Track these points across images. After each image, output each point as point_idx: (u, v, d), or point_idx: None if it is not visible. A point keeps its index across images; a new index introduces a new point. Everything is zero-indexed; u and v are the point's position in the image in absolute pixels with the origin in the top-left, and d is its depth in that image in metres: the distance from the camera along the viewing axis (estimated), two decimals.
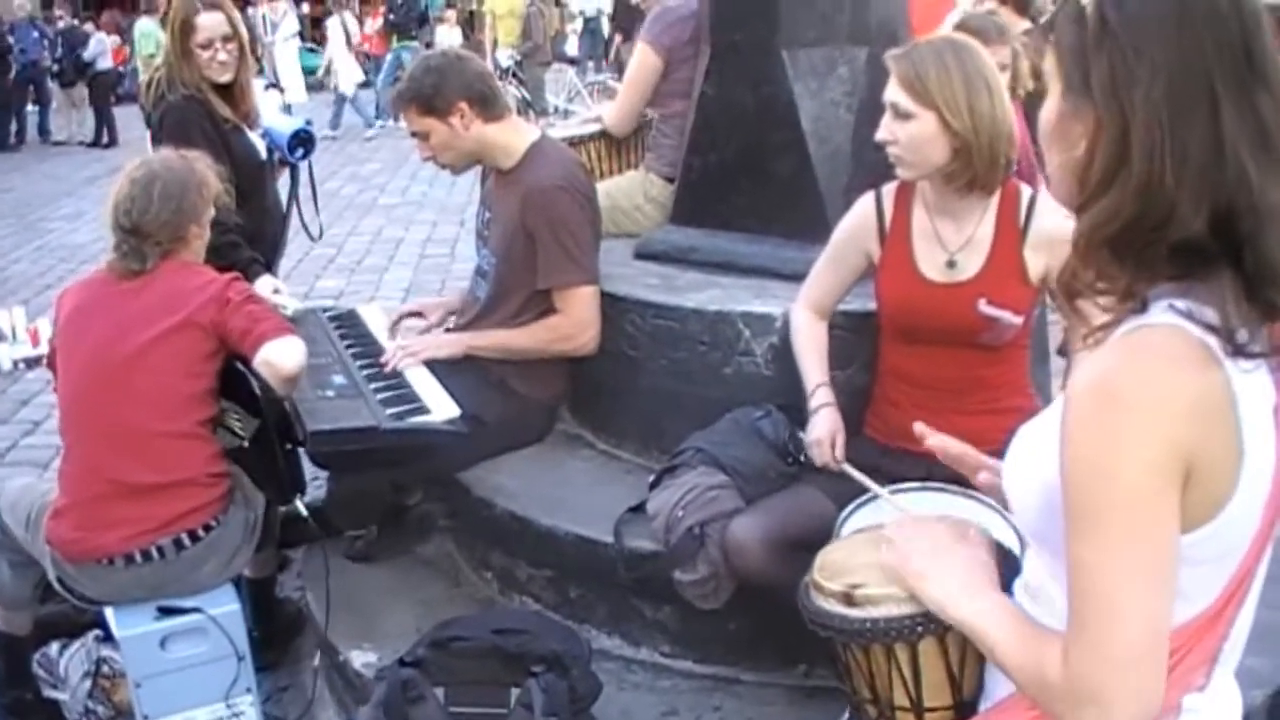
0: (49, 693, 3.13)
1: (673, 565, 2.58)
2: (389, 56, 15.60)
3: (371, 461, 2.89)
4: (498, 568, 3.11)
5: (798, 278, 3.07)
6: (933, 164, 2.44)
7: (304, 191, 4.08)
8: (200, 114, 3.53)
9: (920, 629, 1.50)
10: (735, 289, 3.09)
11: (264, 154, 3.76)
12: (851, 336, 2.84)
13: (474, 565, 3.22)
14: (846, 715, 2.53)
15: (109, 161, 13.97)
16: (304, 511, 2.89)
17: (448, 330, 3.40)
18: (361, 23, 16.34)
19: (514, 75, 12.52)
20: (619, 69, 12.32)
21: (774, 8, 3.07)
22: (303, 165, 3.96)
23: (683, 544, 2.56)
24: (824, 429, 2.60)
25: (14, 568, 2.96)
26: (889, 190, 2.64)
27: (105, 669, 3.18)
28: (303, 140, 3.84)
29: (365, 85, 14.58)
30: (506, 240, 3.12)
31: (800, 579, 2.50)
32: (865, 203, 2.66)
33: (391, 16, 15.44)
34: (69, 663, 3.16)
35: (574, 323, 3.07)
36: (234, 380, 2.84)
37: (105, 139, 15.04)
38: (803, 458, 2.69)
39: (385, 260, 8.61)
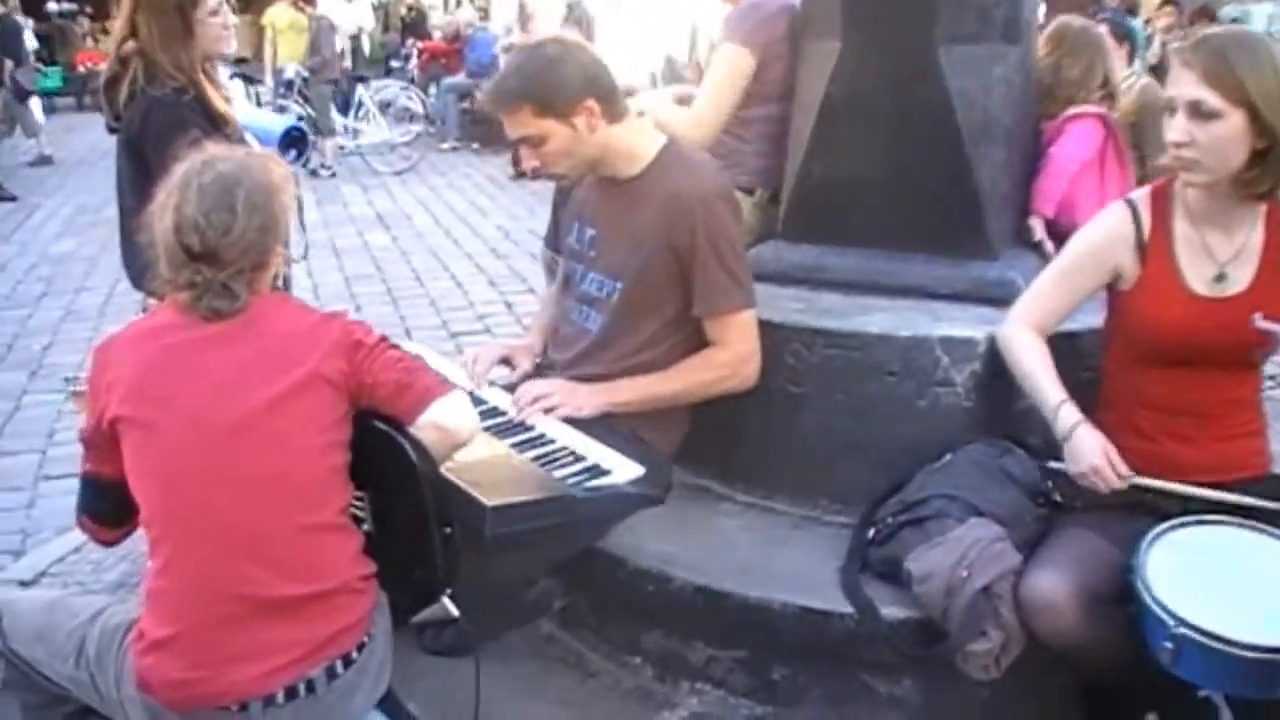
0: None
1: (965, 636, 2.20)
2: None
3: (546, 538, 2.34)
4: (654, 652, 2.62)
5: (958, 298, 2.79)
6: (1230, 168, 2.19)
7: None
8: (197, 111, 2.86)
9: None
10: (902, 311, 2.74)
11: None
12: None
13: (609, 650, 2.70)
14: None
15: None
16: (453, 610, 2.29)
17: (541, 364, 2.87)
18: None
19: (299, 92, 11.61)
20: None
21: (928, 1, 2.74)
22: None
23: (975, 610, 2.19)
24: (1096, 449, 2.29)
25: (30, 711, 2.24)
26: (1142, 197, 2.38)
27: None
28: (295, 140, 3.21)
29: None
30: (639, 260, 2.63)
31: (1106, 635, 2.23)
32: (1117, 212, 2.38)
33: None
34: None
35: (737, 355, 2.62)
36: None
37: None
38: (1058, 496, 2.39)
39: None
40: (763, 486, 2.80)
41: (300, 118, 11.37)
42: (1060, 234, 3.01)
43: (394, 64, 16.77)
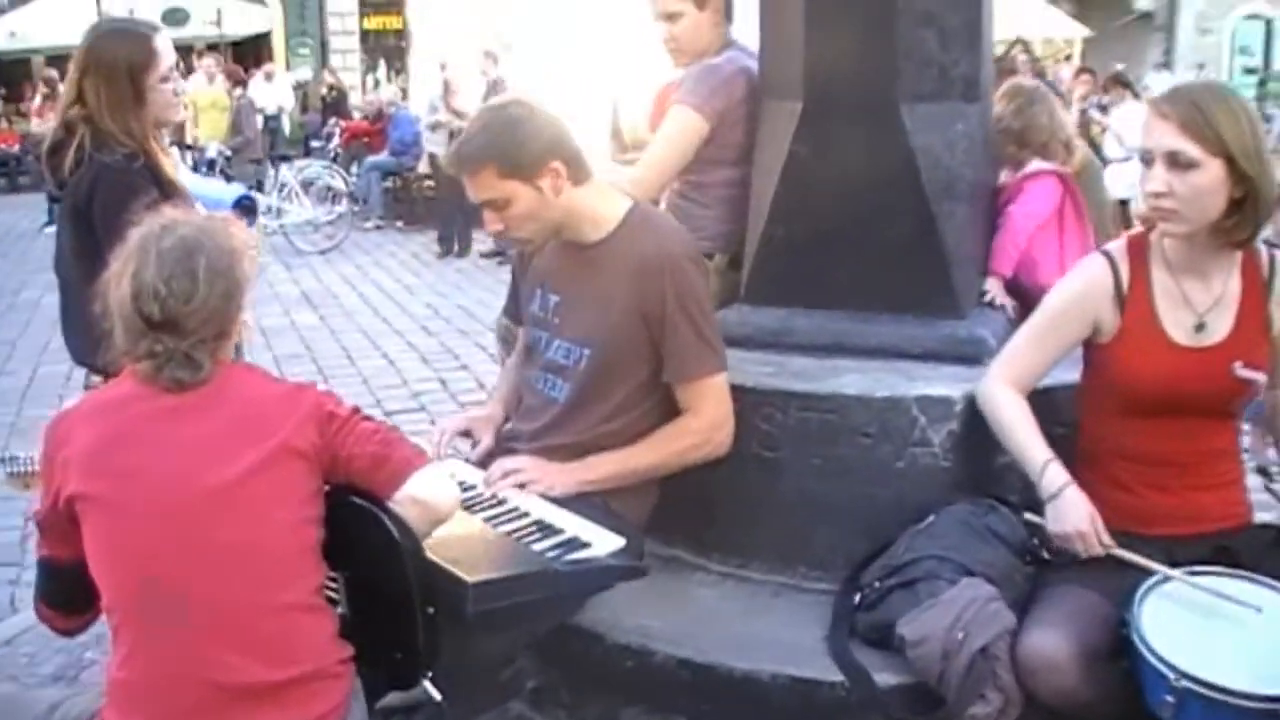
0: None
1: (964, 700, 2.14)
2: None
3: (527, 614, 2.24)
4: None
5: (928, 357, 2.78)
6: (1209, 218, 2.21)
7: None
8: (147, 179, 2.76)
9: None
10: (874, 372, 2.72)
11: None
12: None
13: None
14: None
15: None
16: (435, 693, 2.18)
17: (505, 435, 2.79)
18: None
19: (221, 171, 11.47)
20: None
21: (890, 60, 2.76)
22: None
23: (974, 672, 2.14)
24: (1082, 514, 2.28)
25: None
26: (1119, 249, 2.39)
27: None
28: (247, 210, 3.13)
29: None
30: (608, 326, 2.56)
31: (1105, 692, 2.19)
32: (1095, 265, 2.39)
33: None
34: None
35: (710, 421, 2.55)
36: None
37: None
38: (1045, 554, 2.36)
39: None
40: (738, 554, 2.74)
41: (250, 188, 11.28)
42: (1020, 292, 3.04)
43: (315, 143, 16.66)
